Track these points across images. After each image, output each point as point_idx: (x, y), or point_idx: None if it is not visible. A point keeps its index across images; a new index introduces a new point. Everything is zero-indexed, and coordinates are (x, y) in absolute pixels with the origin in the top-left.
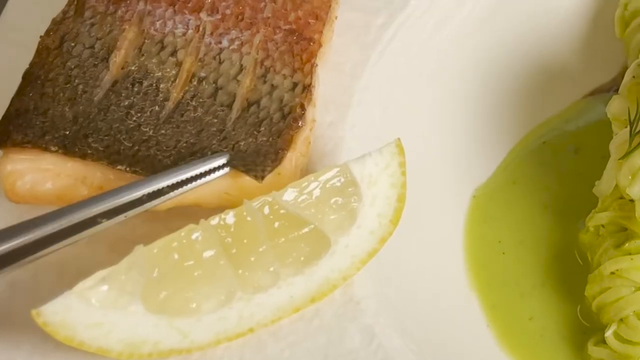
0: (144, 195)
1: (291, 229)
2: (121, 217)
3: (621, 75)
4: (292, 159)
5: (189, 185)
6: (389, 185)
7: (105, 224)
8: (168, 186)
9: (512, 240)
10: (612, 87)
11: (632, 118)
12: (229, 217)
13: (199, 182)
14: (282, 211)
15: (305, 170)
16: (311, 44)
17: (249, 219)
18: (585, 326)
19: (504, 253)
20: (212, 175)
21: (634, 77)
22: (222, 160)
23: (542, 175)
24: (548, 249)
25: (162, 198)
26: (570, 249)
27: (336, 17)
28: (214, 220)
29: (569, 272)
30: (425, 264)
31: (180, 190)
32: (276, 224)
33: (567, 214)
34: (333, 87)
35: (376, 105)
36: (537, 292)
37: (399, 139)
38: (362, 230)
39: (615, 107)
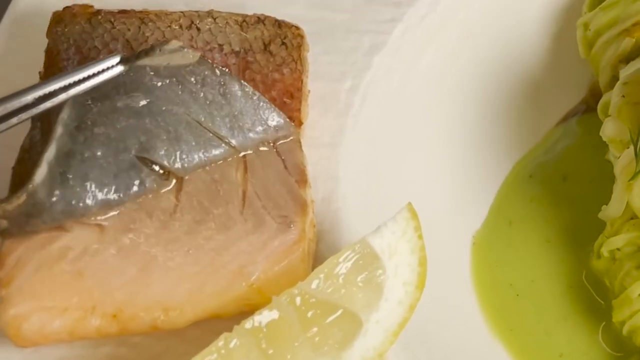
0: (35, 98)
1: (323, 316)
2: (13, 120)
3: (591, 94)
4: (304, 247)
5: (82, 86)
6: (409, 251)
7: None
8: (60, 88)
9: (523, 281)
10: (582, 109)
11: (634, 139)
12: (262, 317)
13: (91, 82)
14: (312, 300)
15: (314, 252)
16: (292, 123)
17: (281, 315)
18: (616, 354)
19: (518, 295)
20: (105, 74)
21: (623, 96)
22: (114, 60)
23: (536, 210)
24: (561, 282)
25: (55, 99)
26: (583, 278)
27: (309, 91)
28: (248, 324)
29: (588, 302)
30: (444, 321)
31: (73, 90)
32: (309, 314)
33: (571, 244)
34: (317, 163)
35: (363, 171)
36: (561, 327)
37: (410, 203)
38: (391, 303)
39: (610, 129)
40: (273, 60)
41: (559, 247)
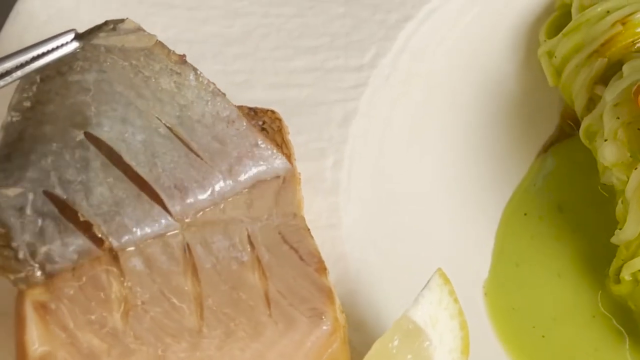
0: None
1: None
2: None
3: (564, 121)
4: (341, 335)
5: (37, 63)
6: (449, 317)
7: None
8: (16, 66)
9: (545, 321)
10: (558, 137)
11: None
12: None
13: (46, 59)
14: None
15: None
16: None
17: None
18: None
19: (543, 336)
20: (60, 51)
21: (618, 118)
22: (69, 36)
23: (539, 246)
24: (582, 314)
25: (8, 78)
26: (605, 307)
27: (300, 174)
28: None
29: (614, 330)
30: None
31: (28, 68)
32: None
33: (583, 273)
34: (322, 245)
35: (369, 245)
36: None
37: (440, 268)
38: None
39: (611, 153)
40: None
41: (571, 279)
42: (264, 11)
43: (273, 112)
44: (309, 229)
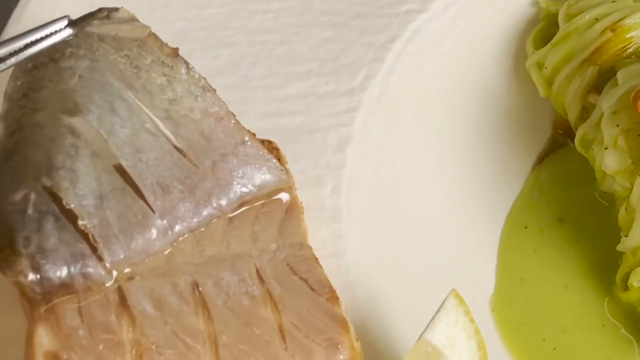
0: None
1: None
2: None
3: (556, 131)
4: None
5: (31, 50)
6: (466, 338)
7: None
8: (10, 53)
9: (555, 333)
10: (551, 147)
11: None
12: None
13: (40, 45)
14: None
15: None
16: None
17: None
18: None
19: (554, 349)
20: (54, 38)
21: (617, 125)
22: (62, 23)
23: (543, 259)
24: (592, 324)
25: (2, 65)
26: (612, 315)
27: (301, 202)
28: None
29: (624, 338)
30: None
31: (21, 55)
32: None
33: (590, 283)
34: (328, 273)
35: (374, 268)
36: None
37: (454, 289)
38: None
39: (613, 162)
40: None
41: (578, 289)
42: (249, 40)
43: (270, 142)
44: (316, 258)
